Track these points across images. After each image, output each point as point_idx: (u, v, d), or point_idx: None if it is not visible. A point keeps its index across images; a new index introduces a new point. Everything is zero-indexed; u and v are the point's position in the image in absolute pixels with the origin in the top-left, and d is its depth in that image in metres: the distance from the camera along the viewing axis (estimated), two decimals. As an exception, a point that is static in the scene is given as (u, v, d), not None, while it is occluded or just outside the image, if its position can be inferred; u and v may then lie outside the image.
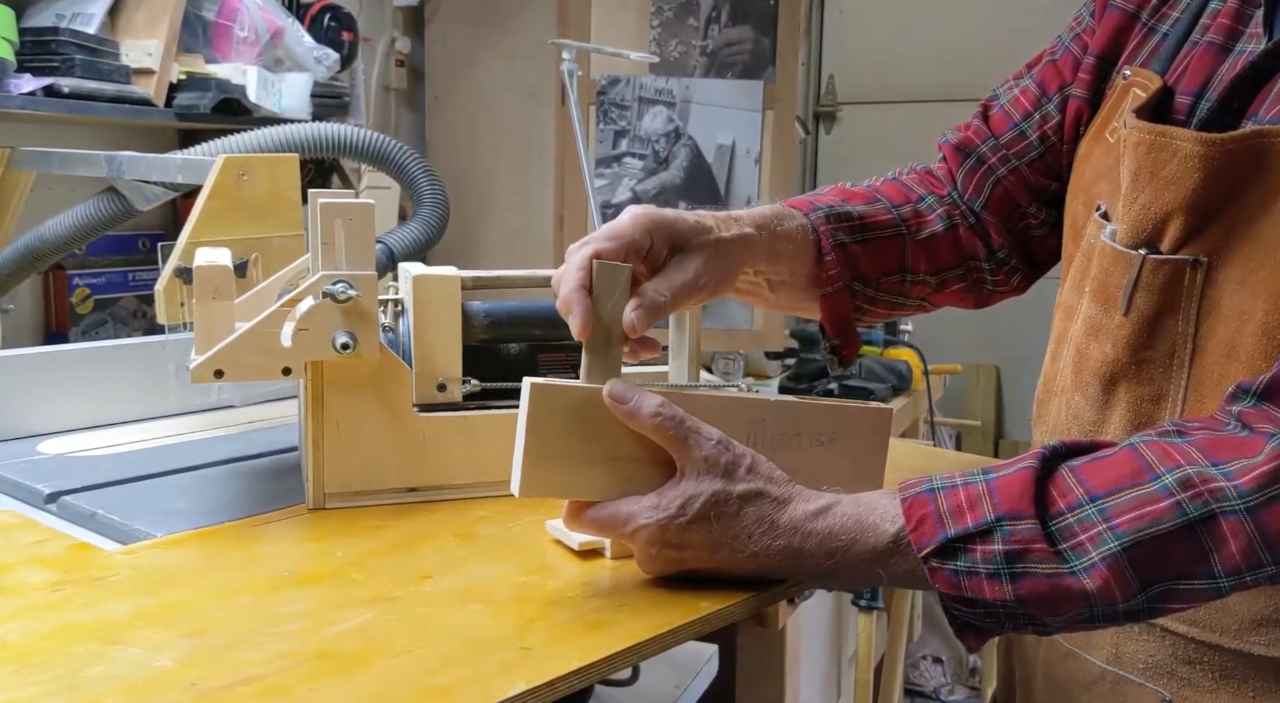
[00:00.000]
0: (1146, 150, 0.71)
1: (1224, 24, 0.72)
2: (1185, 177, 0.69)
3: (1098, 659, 0.78)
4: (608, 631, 0.64)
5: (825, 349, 0.91)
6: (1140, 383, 0.74)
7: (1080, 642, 0.80)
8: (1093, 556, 0.61)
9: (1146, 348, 0.73)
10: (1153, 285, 0.72)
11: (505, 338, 0.93)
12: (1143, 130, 0.71)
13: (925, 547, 0.64)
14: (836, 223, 0.86)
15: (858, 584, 0.67)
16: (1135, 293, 0.72)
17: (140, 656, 0.59)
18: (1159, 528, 0.60)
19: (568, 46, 1.88)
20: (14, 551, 0.75)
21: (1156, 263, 0.71)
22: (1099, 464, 0.64)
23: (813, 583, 0.69)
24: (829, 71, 3.76)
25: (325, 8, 1.93)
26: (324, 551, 0.77)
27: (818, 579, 0.68)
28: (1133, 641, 0.76)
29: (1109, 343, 0.75)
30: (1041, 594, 0.62)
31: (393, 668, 0.59)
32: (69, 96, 1.43)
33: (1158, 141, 0.70)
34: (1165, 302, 0.72)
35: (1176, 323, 0.72)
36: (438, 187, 1.30)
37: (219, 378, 0.80)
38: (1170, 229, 0.71)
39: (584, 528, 0.70)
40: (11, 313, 1.62)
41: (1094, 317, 0.76)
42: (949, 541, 0.63)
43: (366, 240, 0.83)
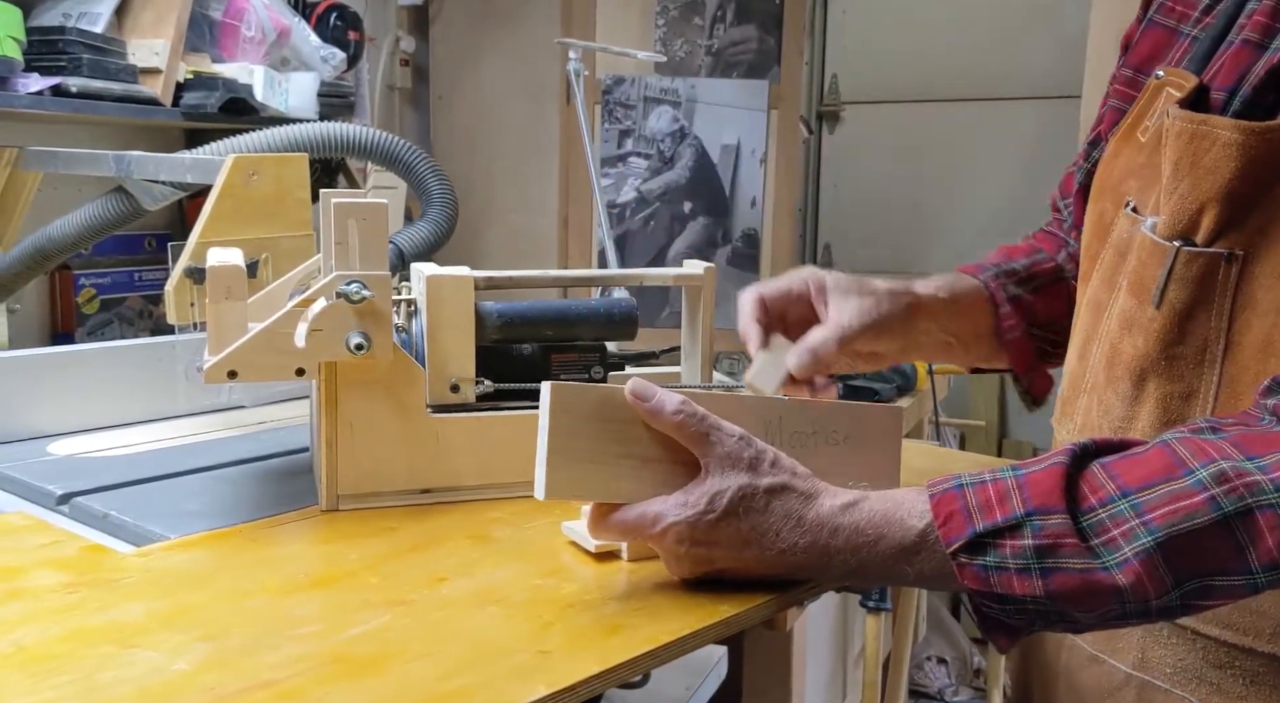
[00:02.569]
0: (1188, 140, 0.70)
1: (1260, 22, 0.71)
2: (1223, 166, 0.68)
3: (1123, 665, 0.77)
4: (626, 634, 0.63)
5: (1018, 391, 0.98)
6: (1170, 380, 0.73)
7: (1105, 647, 0.78)
8: (1125, 551, 0.60)
9: (1178, 343, 0.72)
10: (1186, 278, 0.70)
11: (518, 338, 0.92)
12: (1184, 120, 0.70)
13: (954, 542, 0.63)
14: (1005, 278, 0.94)
15: (884, 582, 0.67)
16: (1168, 286, 0.71)
17: (156, 659, 0.59)
18: (1193, 523, 0.59)
19: (574, 46, 1.88)
20: (27, 552, 0.75)
21: (1190, 255, 0.70)
22: (1131, 460, 0.63)
23: (839, 582, 0.68)
24: (832, 71, 3.75)
25: (331, 7, 1.92)
26: (338, 553, 0.76)
27: (844, 578, 0.67)
28: (1160, 645, 0.75)
29: (1141, 337, 0.74)
30: (1072, 590, 0.61)
31: (409, 672, 0.58)
32: (76, 96, 1.42)
33: (1199, 131, 0.69)
34: (1198, 296, 0.70)
35: (1209, 318, 0.70)
36: (446, 186, 1.30)
37: (233, 379, 0.80)
38: (1206, 221, 0.69)
39: (610, 533, 0.70)
40: (18, 313, 1.61)
41: (1129, 310, 0.75)
42: (978, 536, 0.63)
43: (380, 240, 0.82)
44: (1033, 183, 3.40)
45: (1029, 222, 1.63)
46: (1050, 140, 3.32)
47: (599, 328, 0.94)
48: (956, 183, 3.49)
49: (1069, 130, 2.93)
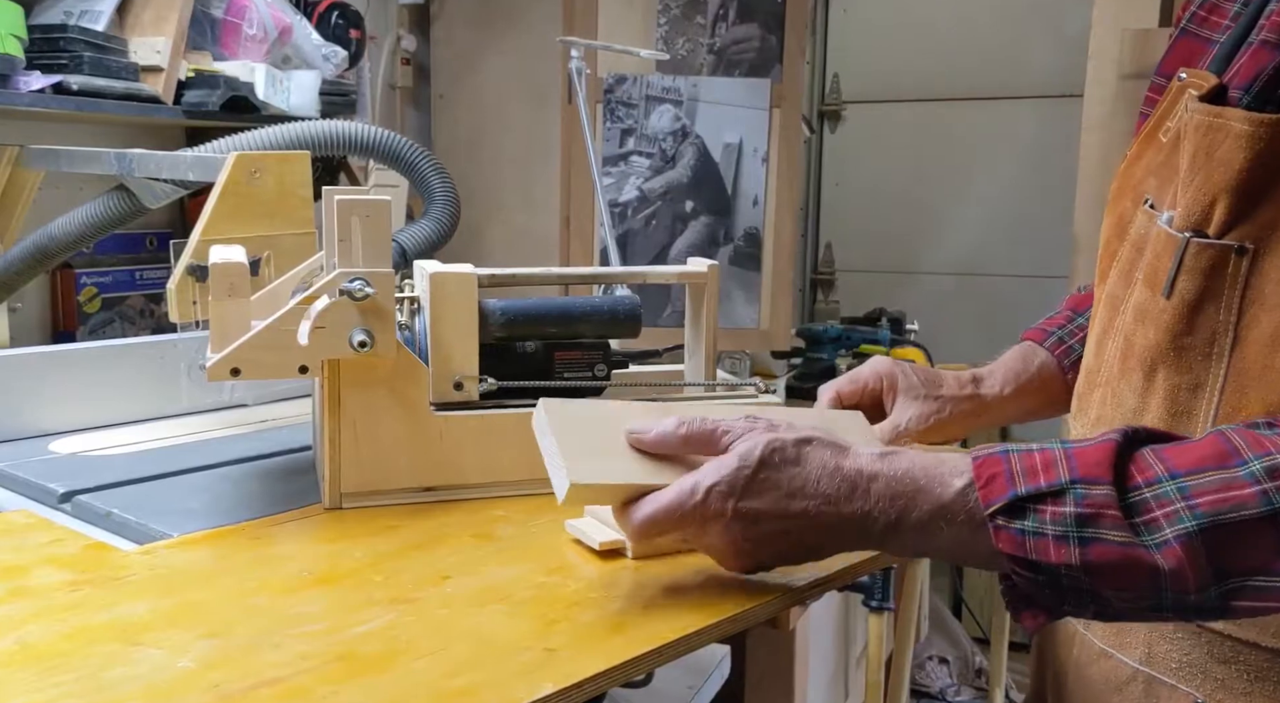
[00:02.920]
0: (1204, 132, 0.71)
1: (1277, 23, 0.72)
2: (1234, 157, 0.68)
3: (1130, 660, 0.77)
4: (631, 632, 0.63)
5: None
6: (1179, 371, 0.73)
7: (1114, 641, 0.78)
8: (1166, 533, 0.58)
9: (1186, 335, 0.72)
10: (1195, 269, 0.71)
11: (521, 336, 0.92)
12: (1201, 112, 0.71)
13: (993, 504, 0.62)
14: (1069, 340, 0.97)
15: (917, 547, 0.66)
16: (1178, 276, 0.71)
17: (161, 657, 0.58)
18: (1240, 514, 0.58)
19: (576, 44, 1.88)
20: (30, 550, 0.75)
21: (1200, 246, 0.70)
22: (1183, 447, 0.62)
23: (876, 543, 0.66)
24: (833, 70, 3.75)
25: (333, 5, 1.92)
26: (341, 551, 0.76)
27: (881, 538, 0.66)
28: (1166, 640, 0.75)
29: (1152, 328, 0.74)
30: (1110, 563, 0.59)
31: (415, 670, 0.58)
32: (78, 94, 1.42)
33: (1213, 123, 0.70)
34: (1207, 287, 0.70)
35: (1218, 311, 0.70)
36: (448, 185, 1.29)
37: (235, 376, 0.80)
38: (1217, 213, 0.70)
39: (644, 525, 0.66)
40: (19, 312, 1.61)
41: (1143, 302, 0.75)
42: (1018, 498, 0.61)
43: (383, 238, 0.82)
44: (1034, 182, 3.40)
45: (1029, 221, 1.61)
46: (1051, 140, 3.32)
47: (602, 326, 0.93)
48: (958, 182, 3.49)
49: (1070, 130, 2.93)
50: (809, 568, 0.72)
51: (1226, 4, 0.80)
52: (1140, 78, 2.66)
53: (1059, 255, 2.70)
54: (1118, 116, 2.75)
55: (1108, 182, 0.88)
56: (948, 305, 3.48)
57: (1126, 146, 0.86)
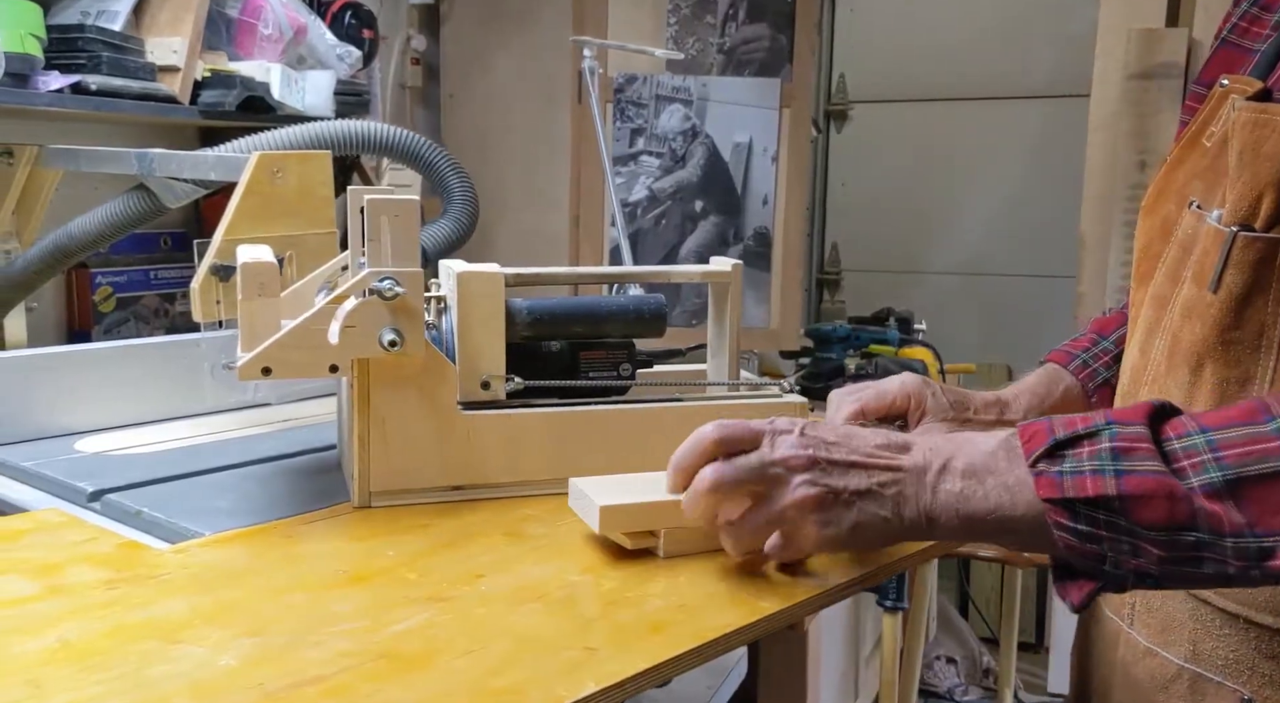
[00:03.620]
0: (1251, 128, 0.72)
1: None
2: (1279, 152, 0.70)
3: (1176, 658, 0.78)
4: (670, 632, 0.63)
5: None
6: (1227, 365, 0.74)
7: (1159, 640, 0.79)
8: (1192, 481, 0.60)
9: (1234, 328, 0.73)
10: (1243, 263, 0.72)
11: (547, 336, 0.92)
12: (1249, 110, 0.72)
13: (1035, 453, 0.64)
14: (1094, 362, 0.98)
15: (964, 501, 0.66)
16: (1225, 270, 0.72)
17: (202, 655, 0.59)
18: (1266, 467, 0.59)
19: (589, 44, 1.88)
20: (64, 549, 0.75)
21: (1247, 240, 0.71)
22: (1217, 411, 0.64)
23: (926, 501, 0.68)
24: (840, 70, 3.75)
25: (346, 5, 1.92)
26: (373, 549, 0.76)
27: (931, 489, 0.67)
28: (1212, 637, 0.75)
29: (1199, 323, 0.75)
30: (1146, 493, 0.60)
31: (456, 669, 0.58)
32: (96, 94, 1.42)
33: (1261, 118, 0.71)
34: (1255, 280, 0.71)
35: (1266, 303, 0.71)
36: (467, 184, 1.30)
37: (266, 375, 0.80)
38: (1265, 207, 0.71)
39: (714, 482, 0.69)
40: (35, 311, 1.61)
41: (1190, 297, 0.76)
42: (1057, 443, 0.64)
43: (412, 237, 0.82)
44: (1040, 182, 3.40)
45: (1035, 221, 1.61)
46: (1057, 139, 3.32)
47: (628, 325, 0.93)
48: (964, 182, 3.49)
49: (1076, 129, 2.93)
50: (833, 572, 0.72)
51: (1266, 15, 0.82)
52: (1146, 77, 2.66)
53: (1065, 255, 2.71)
54: (1124, 116, 2.76)
55: (1114, 181, 0.89)
56: (953, 305, 3.48)
57: (1134, 147, 0.86)
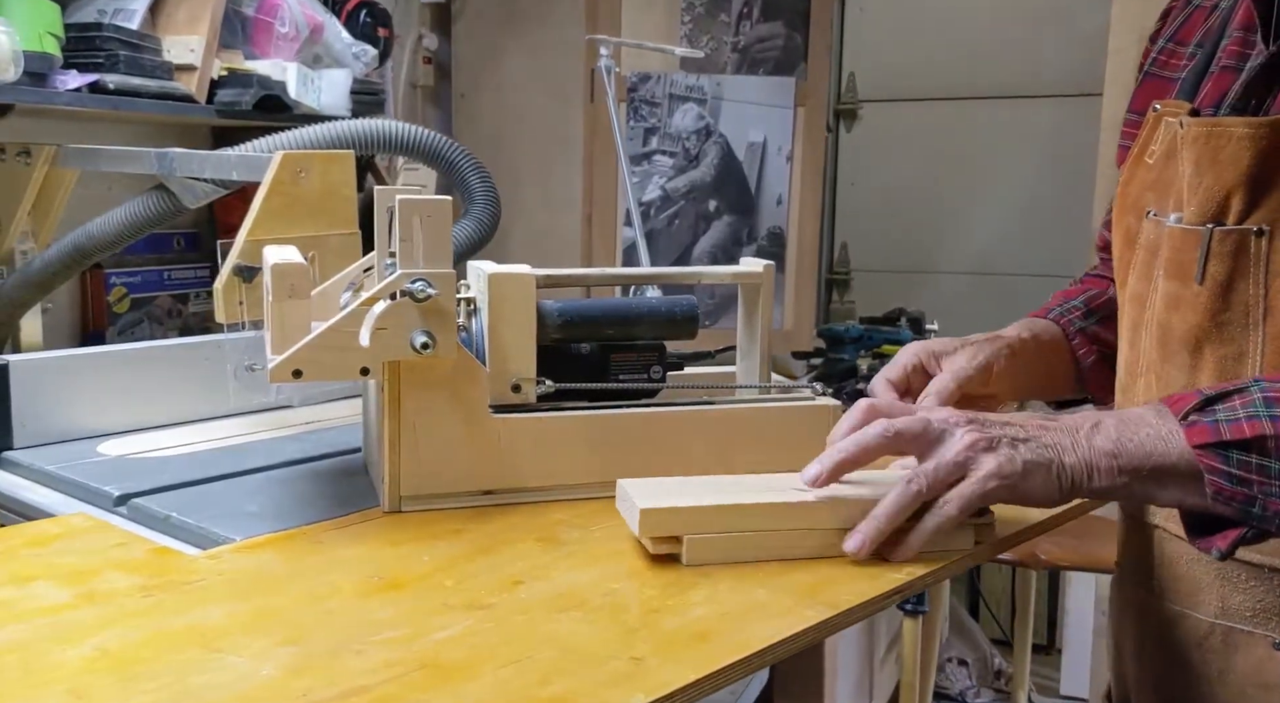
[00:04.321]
0: (1205, 141, 0.82)
1: (1233, 50, 0.86)
2: (1240, 156, 0.79)
3: (1206, 616, 0.85)
4: (716, 641, 0.62)
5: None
6: (1222, 343, 0.82)
7: (1188, 602, 0.86)
8: None
9: (1224, 311, 0.81)
10: (1222, 254, 0.81)
11: (578, 337, 0.91)
12: (1199, 125, 0.82)
13: (1186, 408, 0.72)
14: (1069, 314, 1.07)
15: (1119, 446, 0.73)
16: (1208, 263, 0.81)
17: (244, 664, 0.58)
18: None
19: (605, 42, 1.87)
20: (95, 554, 0.74)
21: (1223, 234, 0.81)
22: None
23: (1082, 449, 0.75)
24: (849, 69, 3.74)
25: (361, 4, 1.91)
26: (408, 555, 0.75)
27: (1087, 437, 0.74)
28: (1239, 591, 0.83)
29: (1190, 312, 0.83)
30: None
31: (502, 678, 0.57)
32: (114, 93, 1.41)
33: (1213, 131, 0.81)
34: (1235, 268, 0.80)
35: (1248, 286, 0.80)
36: (489, 184, 1.28)
37: (297, 378, 0.79)
38: (1233, 204, 0.80)
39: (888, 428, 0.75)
40: (50, 312, 1.60)
41: (1172, 292, 0.85)
42: (1207, 399, 0.72)
43: (444, 238, 0.81)
44: (1051, 181, 3.39)
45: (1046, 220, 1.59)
46: (1068, 139, 3.31)
47: (659, 327, 0.92)
48: (974, 181, 3.48)
49: (1088, 129, 2.92)
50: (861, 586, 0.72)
51: (1181, 49, 0.95)
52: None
53: (1076, 255, 2.70)
54: (1137, 116, 2.74)
55: None
56: (964, 305, 3.47)
57: None
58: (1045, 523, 0.89)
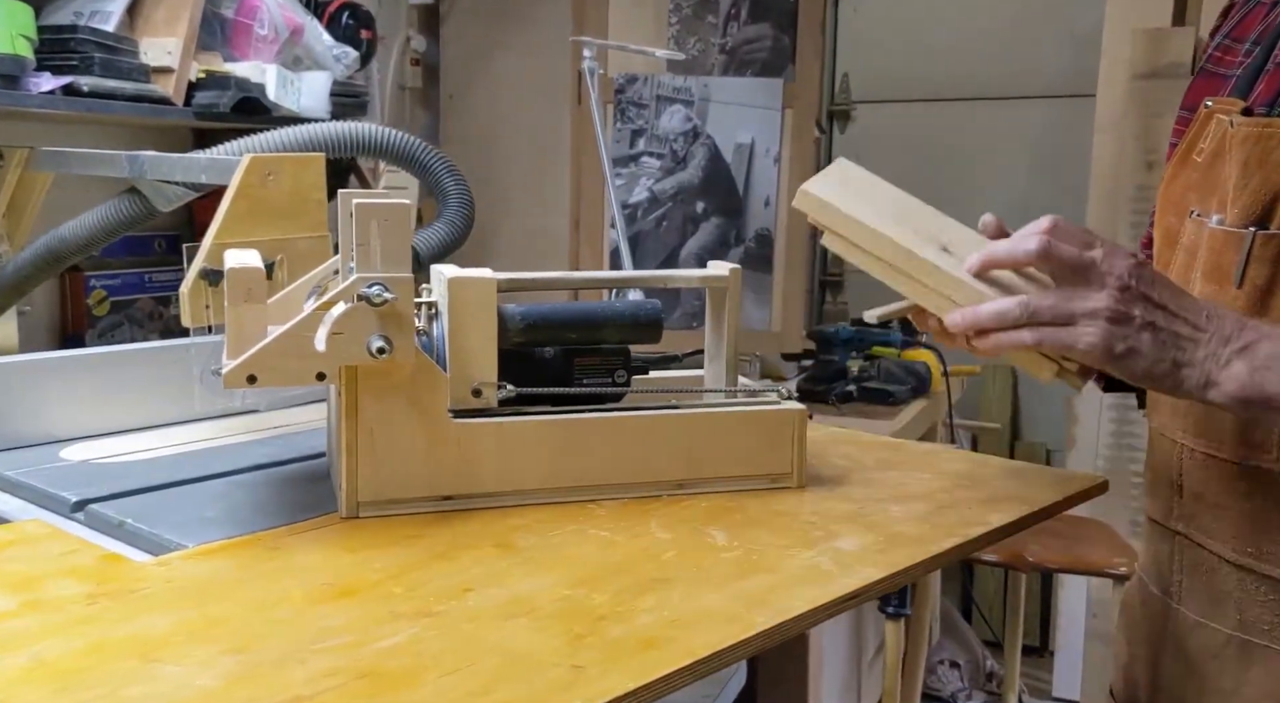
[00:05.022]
0: (1255, 141, 0.80)
1: None
2: None
3: (1224, 627, 0.86)
4: (662, 648, 0.61)
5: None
6: None
7: (1208, 612, 0.87)
8: None
9: (1260, 317, 0.79)
10: (1264, 258, 0.79)
11: (540, 341, 0.91)
12: (1250, 125, 0.81)
13: None
14: None
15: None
16: (1248, 267, 0.80)
17: (183, 674, 0.57)
18: None
19: (588, 44, 1.86)
20: (44, 561, 0.73)
21: (1266, 238, 0.79)
22: None
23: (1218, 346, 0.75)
24: (843, 70, 3.74)
25: (343, 5, 1.91)
26: (361, 561, 0.74)
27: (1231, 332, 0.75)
28: (1258, 605, 0.83)
29: None
30: None
31: (443, 687, 0.57)
32: (88, 95, 1.41)
33: (1264, 132, 0.79)
34: (1275, 274, 0.79)
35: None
36: (463, 187, 1.28)
37: (252, 383, 0.78)
38: (1279, 208, 0.79)
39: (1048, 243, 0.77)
40: (28, 314, 1.60)
41: (1209, 294, 0.83)
42: None
43: (403, 242, 0.81)
44: (1044, 182, 3.38)
45: None
46: (1062, 139, 3.30)
47: (624, 331, 0.92)
48: (968, 182, 3.47)
49: (1081, 129, 2.91)
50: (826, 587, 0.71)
51: (1238, 45, 0.92)
52: (1152, 77, 2.64)
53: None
54: (1129, 116, 2.74)
55: (1120, 181, 0.96)
56: (957, 306, 3.46)
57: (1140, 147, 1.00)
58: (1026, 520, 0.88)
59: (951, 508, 0.87)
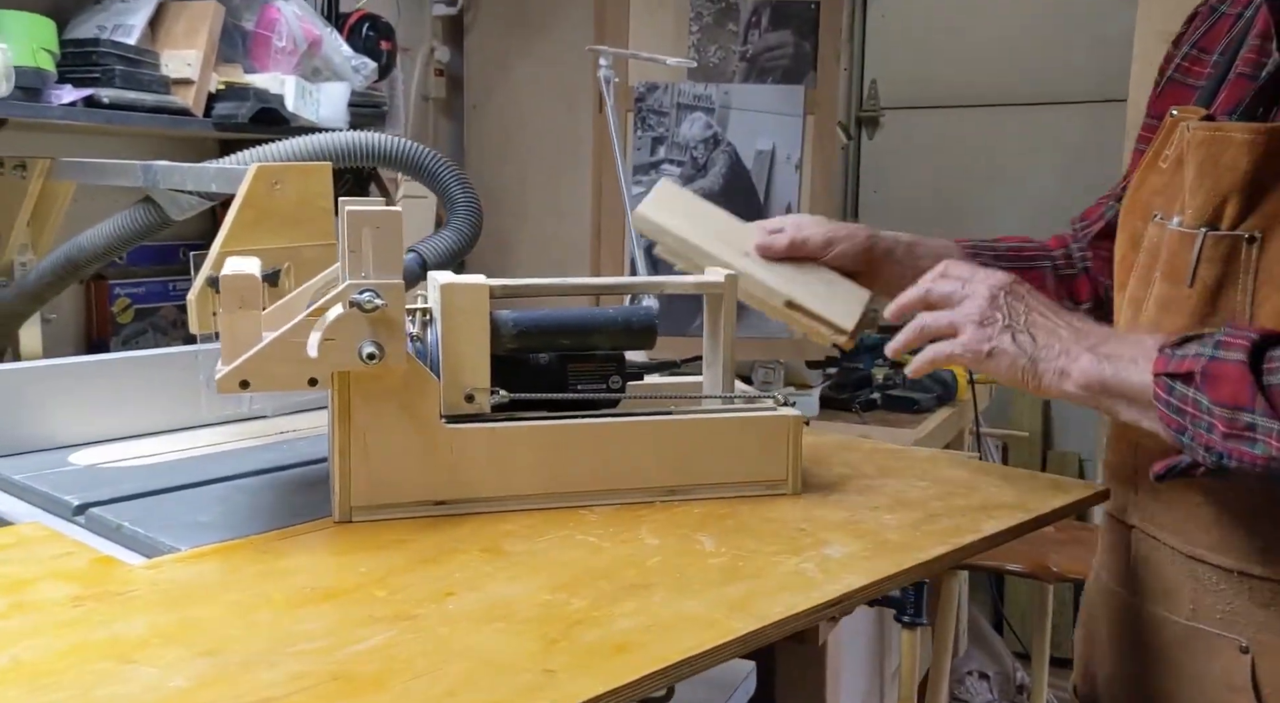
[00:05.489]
0: (1208, 146, 0.83)
1: (1250, 58, 0.88)
2: (1239, 161, 0.81)
3: (1178, 617, 0.88)
4: (636, 653, 0.61)
5: None
6: None
7: (1162, 603, 0.90)
8: (1268, 380, 0.72)
9: (1211, 316, 0.83)
10: (1214, 258, 0.83)
11: (534, 348, 0.91)
12: (1203, 129, 0.84)
13: (1165, 343, 0.78)
14: (981, 248, 1.13)
15: (1106, 354, 0.80)
16: (1199, 266, 0.83)
17: (154, 676, 0.58)
18: None
19: (604, 53, 1.87)
20: (36, 564, 0.75)
21: (1216, 238, 0.82)
22: None
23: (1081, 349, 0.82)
24: (871, 76, 3.72)
25: (364, 17, 1.93)
26: (347, 565, 0.75)
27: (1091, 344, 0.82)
28: (1210, 594, 0.86)
29: (1179, 315, 0.85)
30: (1223, 374, 0.73)
31: (410, 691, 0.57)
32: (109, 107, 1.43)
33: (1215, 136, 0.83)
34: (1225, 273, 0.82)
35: (1235, 293, 0.82)
36: (470, 194, 1.28)
37: (245, 388, 0.79)
38: (1228, 210, 0.82)
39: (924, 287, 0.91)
40: (54, 322, 1.63)
41: (1165, 293, 0.87)
42: (1185, 338, 0.78)
43: (394, 248, 0.81)
44: (1076, 188, 3.33)
45: None
46: (1093, 144, 3.26)
47: (617, 337, 0.92)
48: (998, 188, 3.44)
49: (1113, 134, 2.87)
50: (807, 593, 0.70)
51: (1205, 56, 0.96)
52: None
53: (1102, 262, 2.65)
54: (1163, 121, 2.70)
55: None
56: (989, 314, 3.42)
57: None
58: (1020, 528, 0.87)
59: (945, 516, 0.86)
